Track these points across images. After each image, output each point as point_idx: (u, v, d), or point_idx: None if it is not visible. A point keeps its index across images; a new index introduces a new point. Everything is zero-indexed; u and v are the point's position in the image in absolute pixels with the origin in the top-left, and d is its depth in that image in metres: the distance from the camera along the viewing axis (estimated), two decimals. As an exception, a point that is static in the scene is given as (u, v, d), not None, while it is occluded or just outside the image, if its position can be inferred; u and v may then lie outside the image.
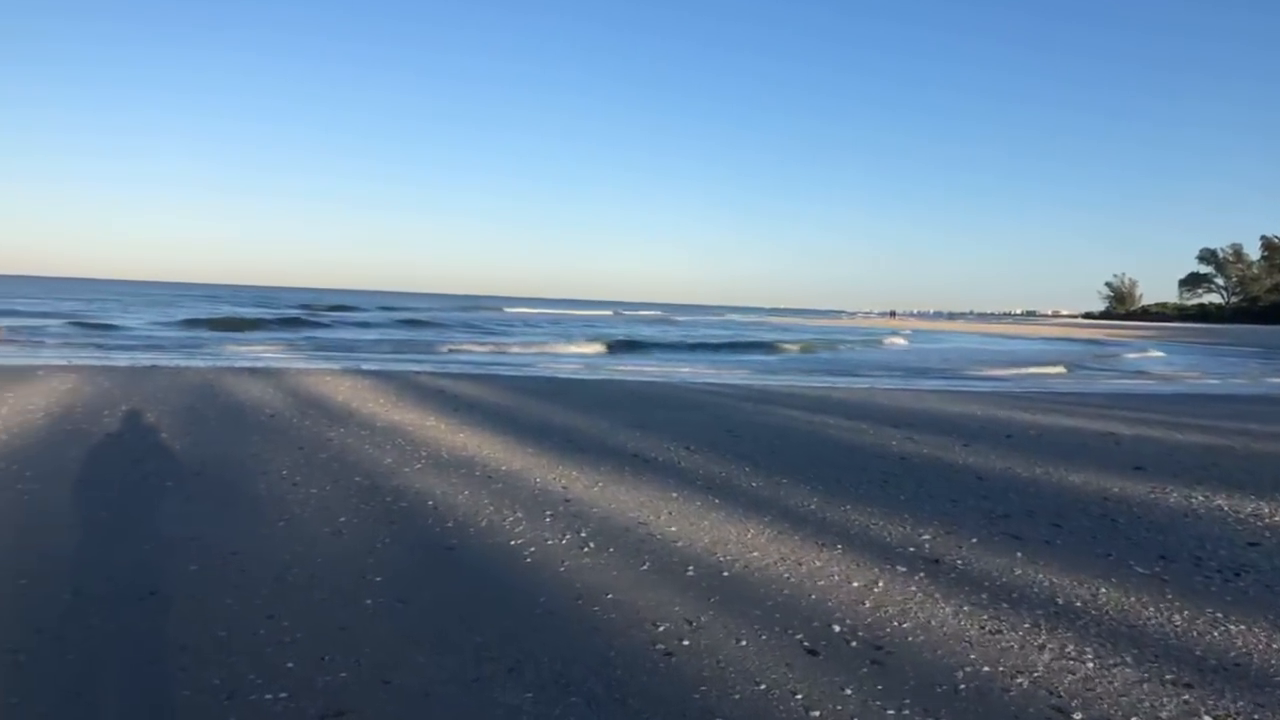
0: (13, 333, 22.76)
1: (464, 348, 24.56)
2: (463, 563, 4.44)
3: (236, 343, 23.41)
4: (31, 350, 18.24)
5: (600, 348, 26.89)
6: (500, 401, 10.63)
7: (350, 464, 6.60)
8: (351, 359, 18.61)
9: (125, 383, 11.13)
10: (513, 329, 40.05)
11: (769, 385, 15.03)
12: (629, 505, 5.68)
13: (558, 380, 14.50)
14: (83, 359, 15.62)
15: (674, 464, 7.07)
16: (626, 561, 4.53)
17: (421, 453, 7.12)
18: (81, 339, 23.03)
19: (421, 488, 5.94)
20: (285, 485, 5.88)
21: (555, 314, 74.85)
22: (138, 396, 9.77)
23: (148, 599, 3.77)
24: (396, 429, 8.26)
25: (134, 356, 17.03)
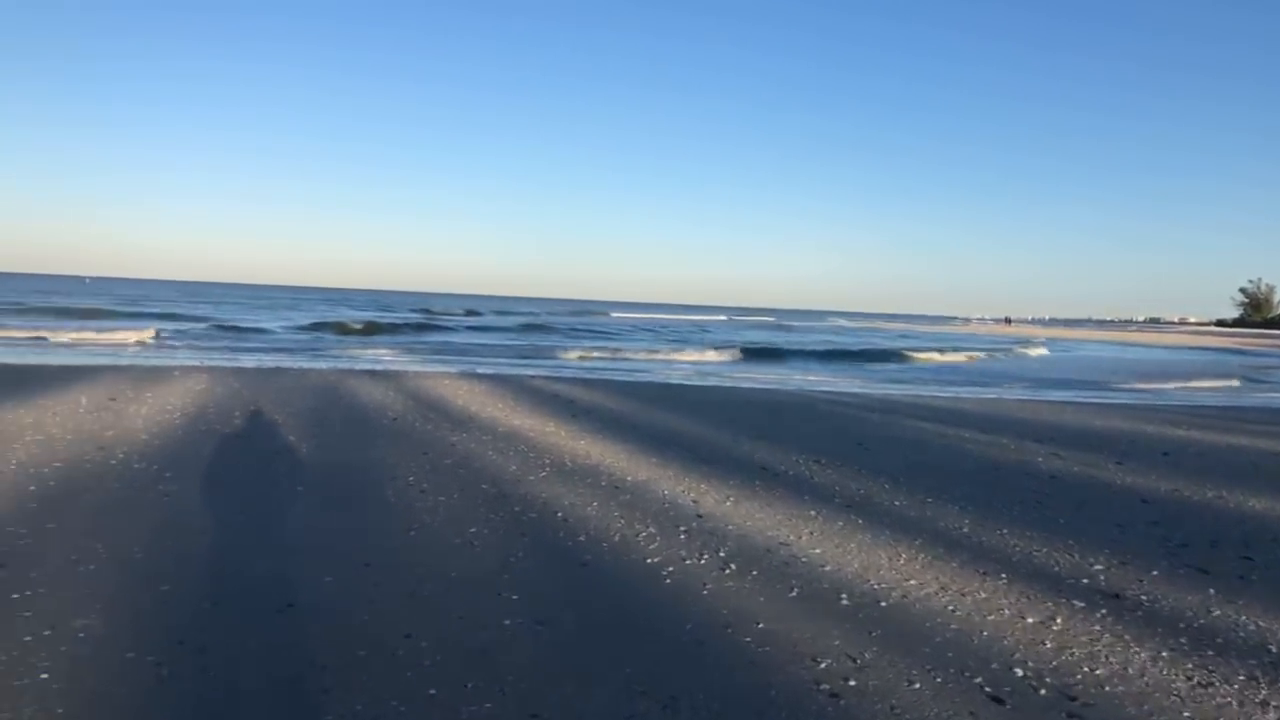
0: (166, 336, 24.00)
1: (588, 354, 24.46)
2: (599, 581, 4.21)
3: (357, 345, 24.13)
4: (182, 353, 19.12)
5: (727, 355, 26.29)
6: (617, 408, 10.44)
7: (476, 471, 6.49)
8: (468, 362, 18.85)
9: (253, 384, 11.43)
10: (628, 334, 39.96)
11: (891, 394, 14.42)
12: (766, 523, 5.36)
13: (673, 386, 14.27)
14: (216, 360, 16.23)
15: (806, 478, 6.71)
16: (772, 586, 4.22)
17: (545, 460, 6.97)
18: (222, 342, 24.10)
19: (548, 497, 5.76)
20: (413, 492, 5.79)
21: (667, 319, 74.16)
22: (266, 398, 9.98)
23: (285, 611, 3.66)
24: (518, 435, 8.14)
25: (260, 358, 17.63)
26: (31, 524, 4.71)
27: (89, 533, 4.60)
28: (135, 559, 4.24)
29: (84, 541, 4.45)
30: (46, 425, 7.59)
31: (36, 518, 4.83)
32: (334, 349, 22.47)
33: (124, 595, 3.76)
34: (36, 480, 5.66)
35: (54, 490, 5.45)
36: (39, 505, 5.10)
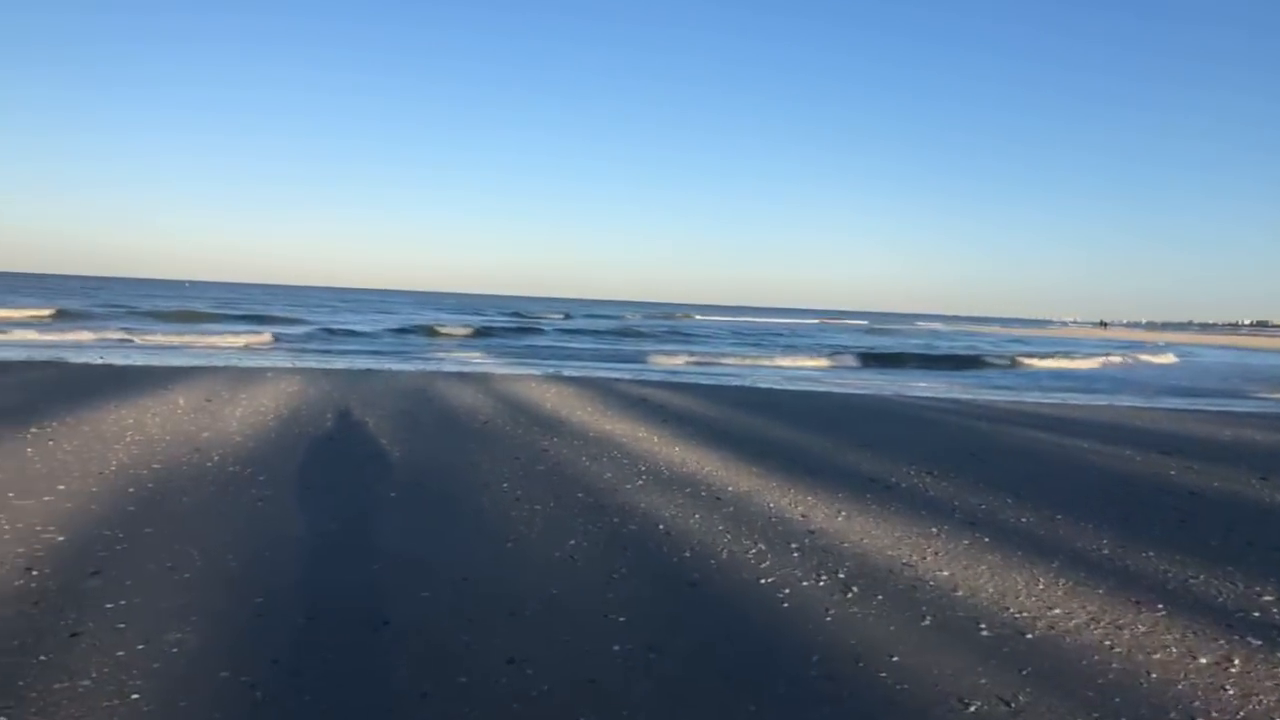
0: (282, 340, 24.56)
1: (676, 357, 24.12)
2: (711, 603, 3.90)
3: (450, 348, 24.36)
4: (288, 355, 19.52)
5: (841, 361, 25.39)
6: (710, 414, 10.11)
7: (570, 478, 6.25)
8: (556, 365, 18.77)
9: (345, 386, 11.47)
10: (720, 338, 39.48)
11: (995, 401, 13.75)
12: (884, 541, 4.97)
13: (764, 391, 13.87)
14: (319, 363, 16.47)
15: (920, 491, 6.28)
16: (901, 613, 3.84)
17: (640, 468, 6.69)
18: (331, 344, 24.62)
19: (647, 508, 5.48)
20: (507, 500, 5.58)
21: (755, 322, 72.94)
22: (357, 400, 9.96)
23: (381, 630, 3.45)
24: (609, 440, 7.89)
25: (355, 360, 17.84)
26: (129, 528, 4.63)
27: (185, 538, 4.50)
28: (230, 567, 4.11)
29: (180, 548, 4.34)
30: (146, 425, 7.65)
31: (134, 521, 4.75)
32: (427, 351, 22.71)
33: (218, 607, 3.61)
34: (135, 482, 5.63)
35: (151, 493, 5.40)
36: (137, 508, 5.03)
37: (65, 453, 6.37)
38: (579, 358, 22.92)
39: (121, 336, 21.85)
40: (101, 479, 5.66)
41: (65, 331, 22.94)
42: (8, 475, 5.63)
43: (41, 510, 4.87)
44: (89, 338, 21.32)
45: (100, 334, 22.57)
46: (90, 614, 3.47)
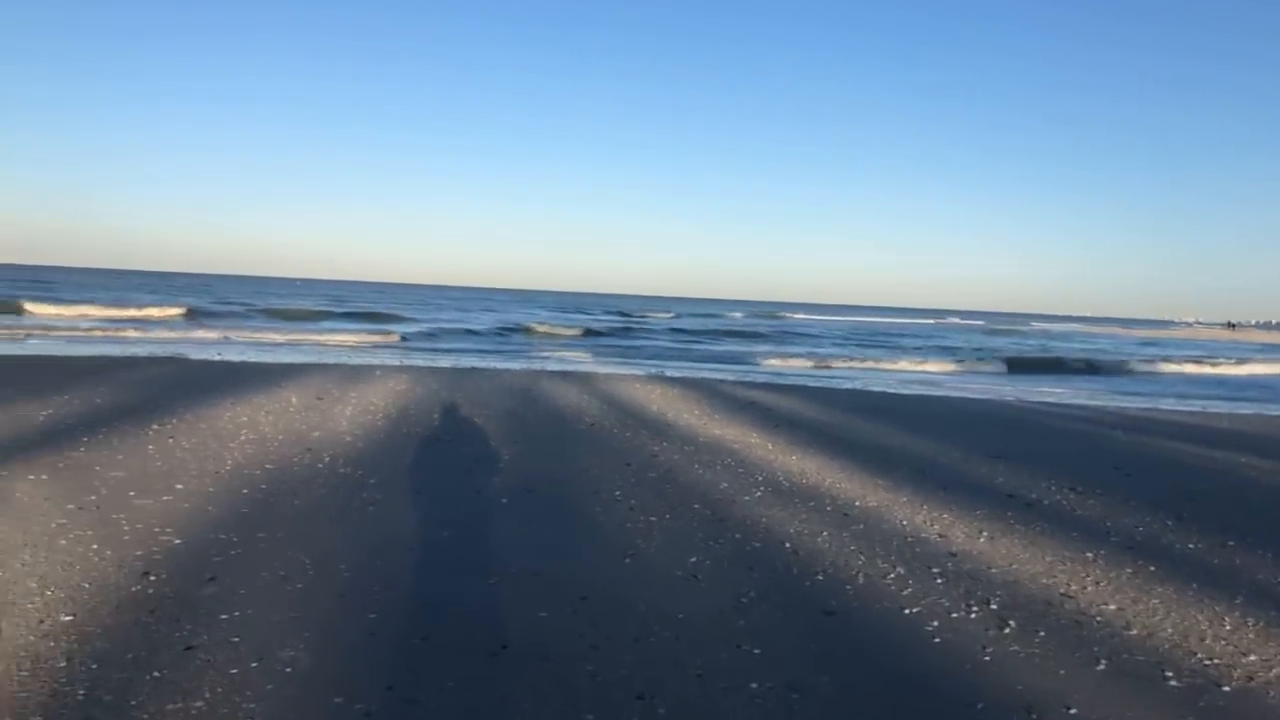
0: (387, 338, 25.16)
1: (784, 360, 23.54)
2: (853, 635, 3.55)
3: (556, 347, 24.46)
4: (399, 353, 19.90)
5: (955, 365, 23.94)
6: (824, 419, 9.68)
7: (684, 487, 5.96)
8: (659, 365, 18.56)
9: (450, 384, 11.46)
10: (824, 338, 38.42)
11: (1126, 408, 12.87)
12: (1035, 567, 4.51)
13: (878, 395, 13.32)
14: (416, 360, 16.67)
15: (1066, 510, 5.76)
16: (1070, 654, 3.41)
17: (757, 477, 6.36)
18: (457, 343, 25.08)
19: (770, 523, 5.14)
20: (621, 510, 5.33)
21: (869, 322, 69.82)
22: (463, 399, 9.91)
23: (500, 654, 3.22)
24: (721, 446, 7.58)
25: (462, 359, 18.00)
26: (243, 531, 4.56)
27: (297, 544, 4.39)
28: (342, 578, 3.96)
29: (292, 555, 4.23)
30: (260, 424, 7.71)
31: (248, 524, 4.69)
32: (530, 350, 22.90)
33: (331, 622, 3.45)
34: (249, 483, 5.60)
35: (265, 495, 5.35)
36: (250, 510, 4.98)
37: (183, 450, 6.43)
38: (684, 358, 22.67)
39: (247, 337, 22.57)
40: (217, 479, 5.66)
41: (194, 329, 24.00)
42: (130, 473, 5.68)
43: (160, 510, 4.86)
44: (214, 336, 22.15)
45: (224, 332, 23.46)
46: (205, 625, 3.36)
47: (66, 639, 3.18)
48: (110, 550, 4.18)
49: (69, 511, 4.77)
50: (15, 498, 5.00)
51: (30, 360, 12.12)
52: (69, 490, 5.20)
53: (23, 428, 7.01)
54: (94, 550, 4.17)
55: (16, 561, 3.96)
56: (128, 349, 15.30)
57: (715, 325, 45.37)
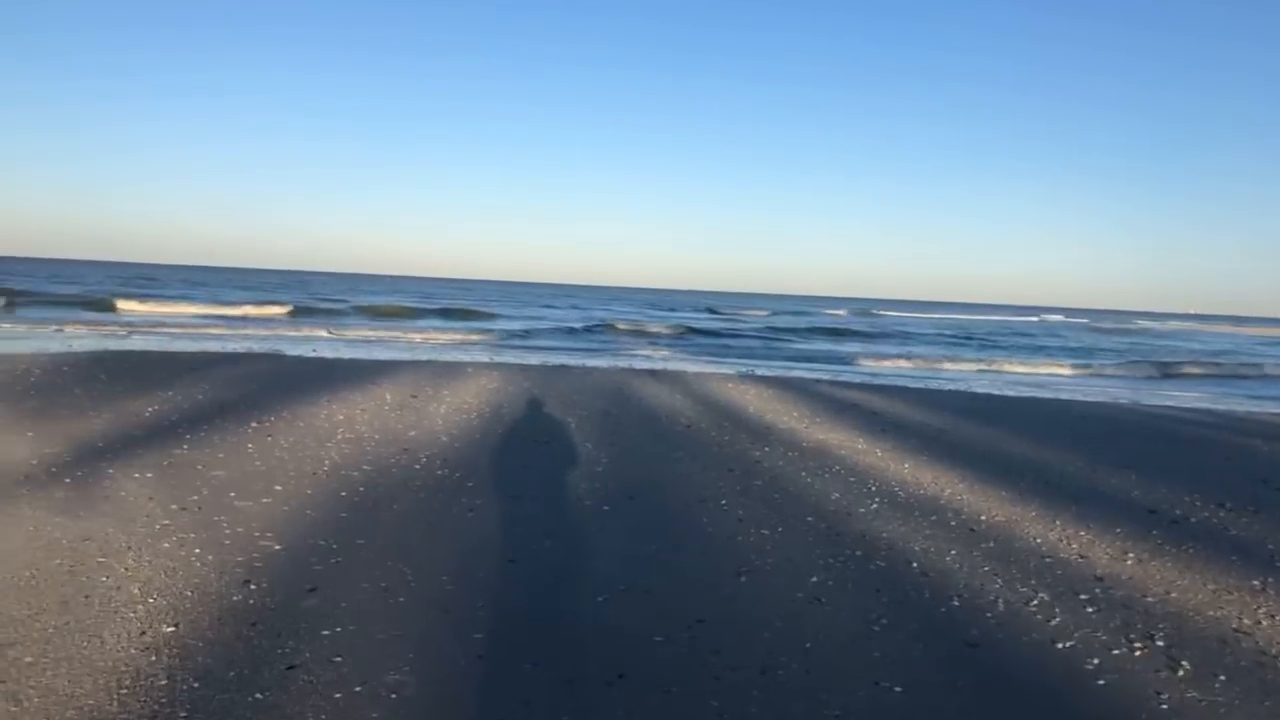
0: (479, 335, 25.31)
1: (881, 360, 22.63)
2: (1002, 673, 3.19)
3: (643, 344, 24.22)
4: (490, 349, 20.02)
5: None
6: (934, 423, 9.20)
7: (793, 497, 5.64)
8: (750, 364, 18.19)
9: (542, 382, 11.33)
10: (919, 337, 36.64)
11: (1256, 413, 11.98)
12: (1198, 596, 4.06)
13: (986, 398, 12.67)
14: (507, 357, 16.67)
15: (1218, 529, 5.24)
16: (1258, 703, 2.99)
17: (870, 487, 5.99)
18: (518, 340, 25.21)
19: (891, 539, 4.79)
20: (730, 521, 5.04)
21: (964, 319, 66.17)
22: (556, 398, 9.74)
23: (616, 684, 2.97)
24: (826, 452, 7.21)
25: (546, 356, 17.94)
26: (343, 538, 4.43)
27: (397, 553, 4.24)
28: (445, 591, 3.78)
29: (393, 564, 4.07)
30: (356, 422, 7.67)
31: (347, 531, 4.56)
32: (620, 347, 22.67)
33: (436, 642, 3.26)
34: (347, 485, 5.50)
35: (363, 498, 5.24)
36: (349, 515, 4.86)
37: (282, 450, 6.39)
38: (777, 356, 22.16)
39: (345, 334, 22.95)
40: (315, 480, 5.57)
41: (296, 327, 24.57)
42: (230, 474, 5.64)
43: (260, 514, 4.78)
44: (320, 333, 22.58)
45: (323, 329, 23.93)
46: (307, 642, 3.20)
47: (168, 653, 3.06)
48: (212, 555, 4.09)
49: (172, 513, 4.73)
50: (121, 497, 4.99)
51: (136, 356, 12.46)
52: (173, 490, 5.18)
53: (130, 424, 7.10)
54: (196, 555, 4.09)
55: (121, 566, 3.90)
56: (227, 345, 15.66)
57: (810, 323, 43.60)
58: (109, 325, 21.94)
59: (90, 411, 7.61)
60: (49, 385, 8.99)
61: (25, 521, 4.48)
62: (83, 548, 4.12)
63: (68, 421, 7.12)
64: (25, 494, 4.99)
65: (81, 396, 8.39)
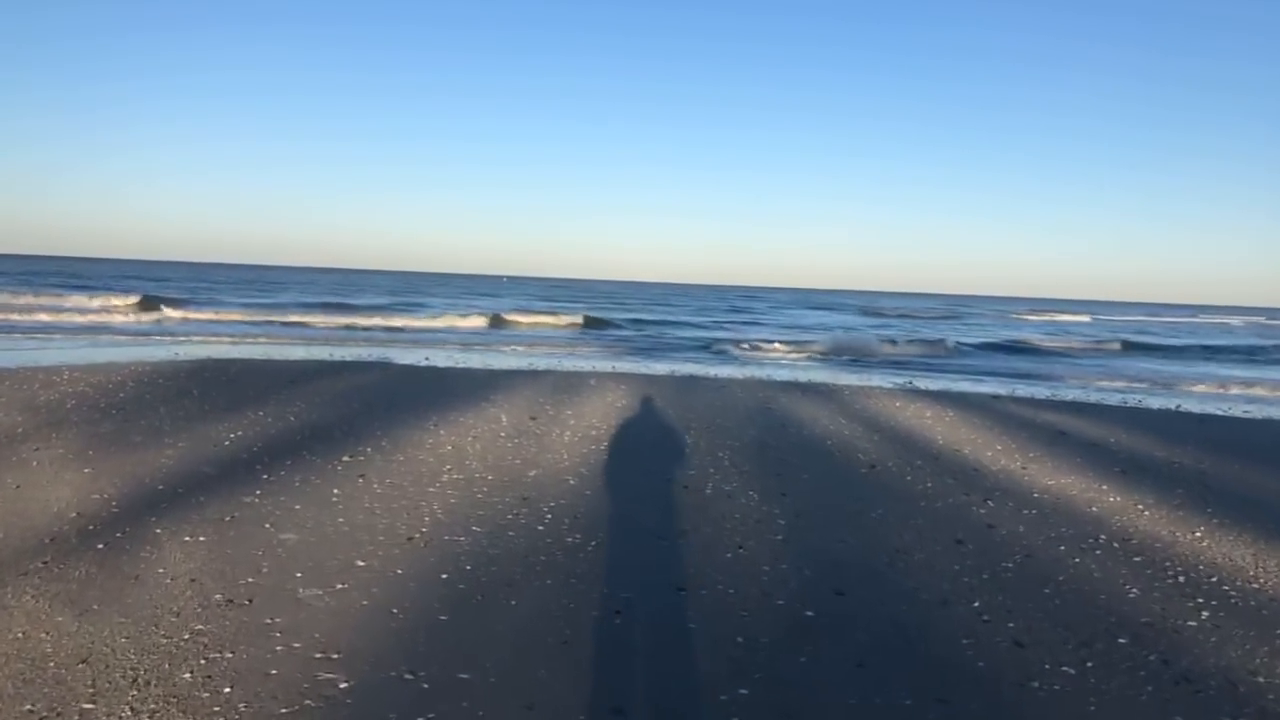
0: (594, 339, 24.23)
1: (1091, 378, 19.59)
2: None
3: (773, 349, 22.19)
4: (612, 356, 18.78)
5: None
6: (1182, 459, 7.23)
7: (1078, 596, 3.92)
8: (903, 374, 16.22)
9: (676, 399, 9.84)
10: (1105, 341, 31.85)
11: None
12: None
13: (1229, 422, 10.43)
14: (630, 365, 15.28)
15: None
16: None
17: (1174, 577, 4.21)
18: (639, 344, 23.85)
19: (1231, 666, 3.05)
20: (986, 634, 3.39)
21: (1137, 320, 58.90)
22: (696, 421, 8.23)
23: None
24: (1073, 509, 5.44)
25: (672, 363, 16.45)
26: (439, 665, 3.00)
27: (518, 695, 2.78)
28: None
29: (507, 704, 2.62)
30: (466, 456, 6.34)
31: (447, 650, 3.14)
32: (747, 353, 20.78)
33: None
34: (450, 560, 4.10)
35: (470, 585, 3.81)
36: (451, 617, 3.44)
37: (373, 499, 5.08)
38: (930, 366, 19.76)
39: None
40: (409, 553, 4.19)
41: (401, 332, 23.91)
42: (304, 538, 4.34)
43: (328, 615, 3.41)
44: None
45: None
46: None
47: None
48: (245, 697, 2.72)
49: (213, 609, 3.42)
50: (157, 577, 3.73)
51: (239, 367, 11.59)
52: (224, 567, 3.89)
53: (203, 458, 5.95)
54: (224, 697, 2.73)
55: (113, 717, 2.57)
56: (336, 352, 14.77)
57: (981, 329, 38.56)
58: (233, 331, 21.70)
59: (165, 438, 6.53)
60: (135, 402, 8.04)
61: (16, 620, 3.24)
62: (71, 676, 2.83)
63: (136, 453, 6.02)
64: (38, 569, 3.79)
65: (164, 417, 7.36)
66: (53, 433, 6.63)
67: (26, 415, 7.25)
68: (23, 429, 6.73)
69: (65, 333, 18.79)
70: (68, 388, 8.71)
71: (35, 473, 5.45)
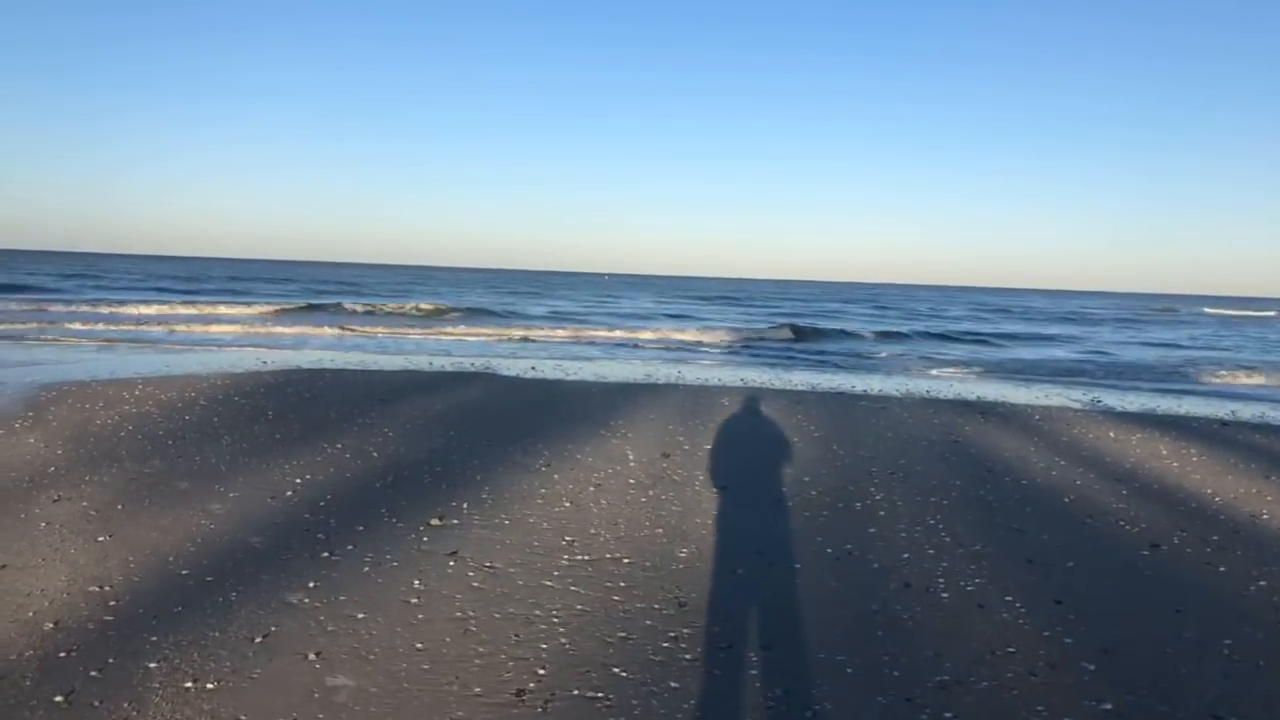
0: (730, 344, 21.43)
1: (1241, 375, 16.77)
2: None
3: (932, 357, 19.30)
4: (754, 366, 17.20)
5: None
6: None
7: None
8: (1081, 386, 13.88)
9: (834, 424, 8.12)
10: None
11: None
12: None
13: None
14: (772, 379, 13.60)
15: None
16: None
17: None
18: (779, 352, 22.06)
19: None
20: None
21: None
22: (871, 458, 6.54)
23: None
24: None
25: (831, 376, 14.68)
26: None
27: None
28: None
29: None
30: (589, 514, 4.81)
31: None
32: (910, 363, 17.69)
33: None
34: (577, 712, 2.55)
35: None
36: None
37: (468, 601, 3.57)
38: (1108, 374, 16.64)
39: (589, 335, 19.77)
40: (517, 700, 2.65)
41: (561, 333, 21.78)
42: (361, 694, 2.84)
43: None
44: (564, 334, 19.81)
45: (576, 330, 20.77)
46: None
47: None
48: None
49: None
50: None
51: (327, 379, 10.38)
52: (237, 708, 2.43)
53: (249, 516, 4.59)
54: None
55: None
56: (435, 362, 13.47)
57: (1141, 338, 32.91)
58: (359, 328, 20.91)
59: (217, 484, 5.22)
60: (198, 429, 6.82)
61: None
62: None
63: (173, 509, 4.71)
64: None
65: (224, 451, 6.09)
66: (88, 474, 5.41)
67: (69, 448, 6.07)
68: (56, 467, 5.54)
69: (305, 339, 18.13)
70: (132, 407, 7.59)
71: (37, 541, 4.17)
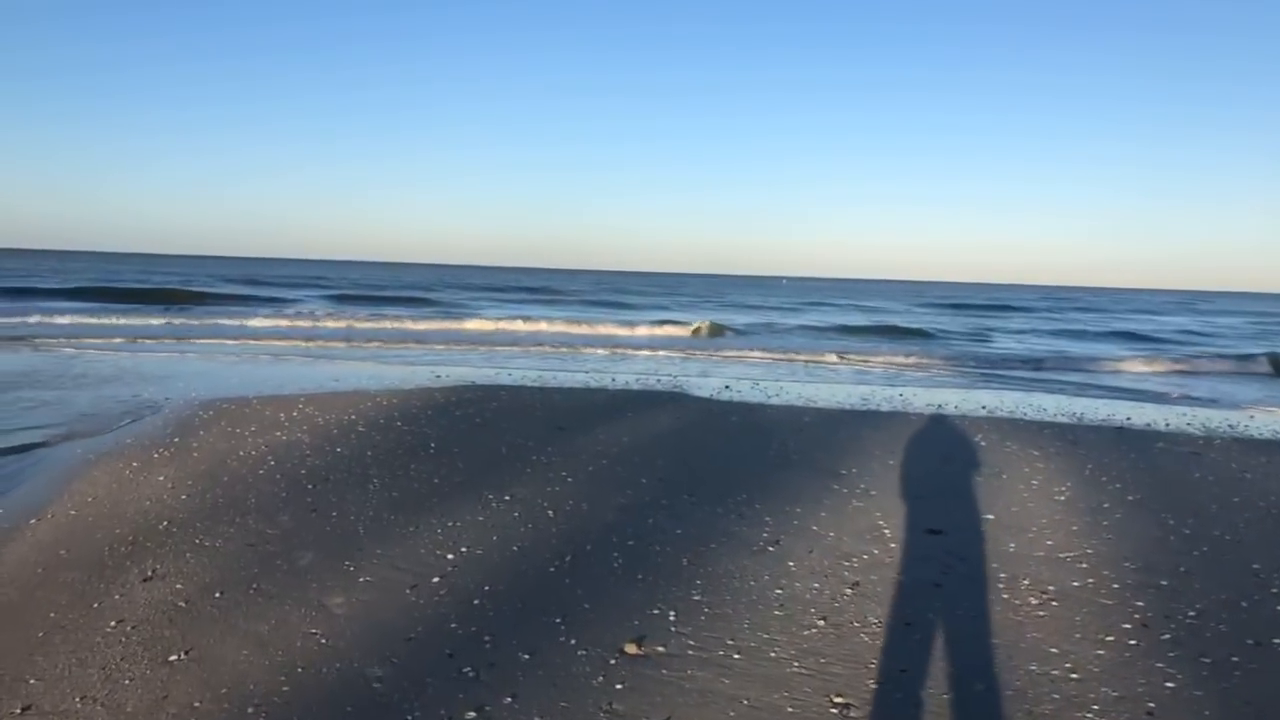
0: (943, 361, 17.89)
1: None
2: None
3: (1143, 372, 16.26)
4: (977, 388, 15.07)
5: None
6: None
7: None
8: None
9: (1133, 477, 6.13)
10: None
11: None
12: None
13: None
14: (991, 400, 11.47)
15: None
16: None
17: None
18: (985, 368, 19.41)
19: None
20: None
21: None
22: (1239, 542, 4.54)
23: None
24: None
25: (1063, 399, 12.34)
26: None
27: None
28: None
29: None
30: (855, 647, 3.22)
31: None
32: (1103, 379, 14.94)
33: None
34: None
35: None
36: None
37: None
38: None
39: (770, 356, 17.00)
40: None
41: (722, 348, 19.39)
42: None
43: None
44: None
45: (745, 351, 18.29)
46: None
47: None
48: None
49: None
50: None
51: (503, 398, 9.10)
52: None
53: (375, 631, 3.31)
54: None
55: None
56: (619, 378, 11.83)
57: None
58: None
59: (343, 563, 4.01)
60: (346, 468, 5.71)
61: None
62: None
63: (276, 618, 3.48)
64: None
65: (366, 504, 4.92)
66: (201, 534, 4.35)
67: (195, 491, 5.08)
68: (169, 522, 4.52)
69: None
70: (284, 433, 6.62)
71: (88, 661, 3.04)
